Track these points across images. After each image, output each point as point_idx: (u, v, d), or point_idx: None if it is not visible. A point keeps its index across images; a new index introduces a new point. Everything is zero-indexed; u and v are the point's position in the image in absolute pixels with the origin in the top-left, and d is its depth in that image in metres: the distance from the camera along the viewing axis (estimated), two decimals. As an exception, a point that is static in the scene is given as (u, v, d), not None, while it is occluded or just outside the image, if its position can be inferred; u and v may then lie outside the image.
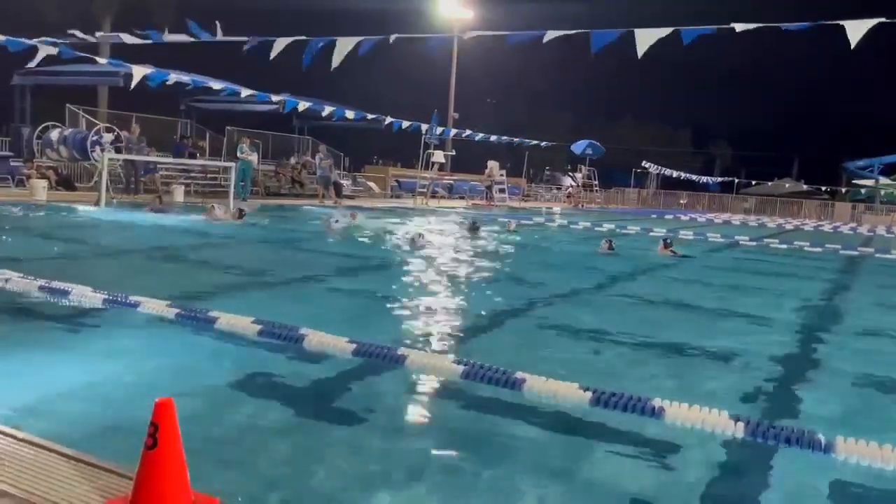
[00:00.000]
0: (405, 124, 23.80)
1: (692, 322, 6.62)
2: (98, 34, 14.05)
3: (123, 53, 15.70)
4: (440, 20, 35.46)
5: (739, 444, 3.22)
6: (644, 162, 46.38)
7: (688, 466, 3.11)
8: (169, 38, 13.23)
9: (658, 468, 3.09)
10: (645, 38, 9.94)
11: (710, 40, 9.82)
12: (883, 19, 8.65)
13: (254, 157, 21.77)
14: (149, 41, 13.48)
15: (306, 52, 11.93)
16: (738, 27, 9.41)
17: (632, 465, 3.09)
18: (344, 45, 11.49)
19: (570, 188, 39.13)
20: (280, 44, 11.88)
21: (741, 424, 3.21)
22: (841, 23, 8.85)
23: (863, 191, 43.63)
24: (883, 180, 38.75)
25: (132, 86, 15.34)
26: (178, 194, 18.89)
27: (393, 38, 12.03)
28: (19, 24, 17.90)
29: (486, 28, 12.23)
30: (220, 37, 12.50)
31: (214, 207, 13.55)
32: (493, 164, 30.48)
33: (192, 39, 12.78)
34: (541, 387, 3.66)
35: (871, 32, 8.86)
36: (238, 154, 20.99)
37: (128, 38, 13.60)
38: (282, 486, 2.70)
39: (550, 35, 10.28)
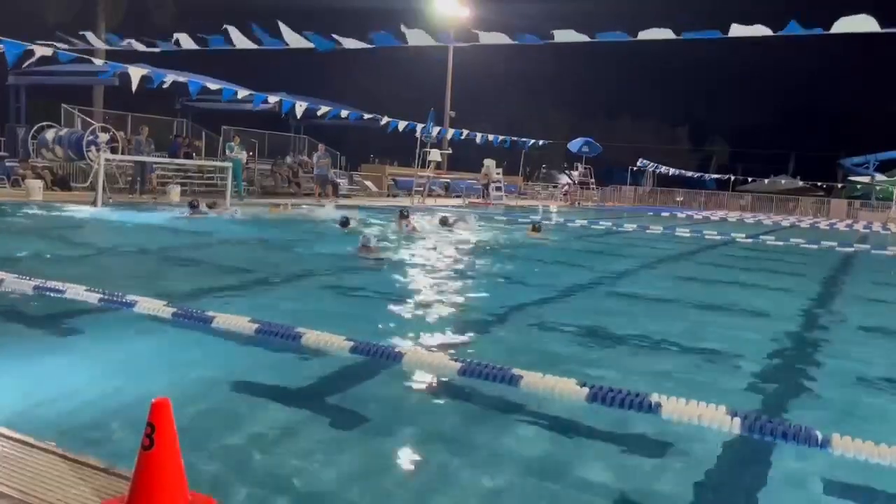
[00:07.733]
0: (402, 124, 23.71)
1: (685, 318, 6.62)
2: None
3: (119, 54, 15.57)
4: (436, 18, 35.39)
5: (736, 440, 3.22)
6: (640, 160, 46.33)
7: (684, 462, 3.11)
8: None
9: (655, 464, 3.09)
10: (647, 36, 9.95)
11: (709, 39, 9.82)
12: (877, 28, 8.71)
13: (243, 155, 21.70)
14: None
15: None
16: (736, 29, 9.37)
17: (628, 461, 3.10)
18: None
19: (567, 186, 39.09)
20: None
21: (738, 420, 3.21)
22: (833, 32, 8.89)
23: (859, 187, 43.67)
24: (879, 177, 38.73)
25: (134, 89, 15.29)
26: (175, 194, 18.83)
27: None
28: (18, 25, 17.82)
29: (484, 27, 12.06)
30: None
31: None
32: (489, 163, 30.41)
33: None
34: (538, 383, 3.65)
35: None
36: (227, 153, 20.94)
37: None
38: (280, 484, 2.69)
39: (557, 37, 10.16)
